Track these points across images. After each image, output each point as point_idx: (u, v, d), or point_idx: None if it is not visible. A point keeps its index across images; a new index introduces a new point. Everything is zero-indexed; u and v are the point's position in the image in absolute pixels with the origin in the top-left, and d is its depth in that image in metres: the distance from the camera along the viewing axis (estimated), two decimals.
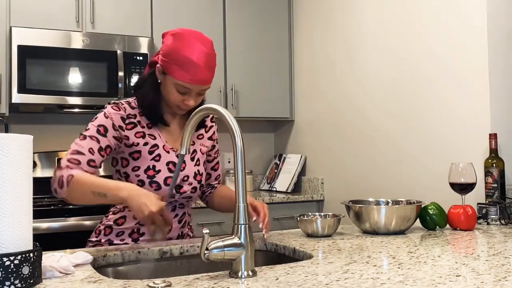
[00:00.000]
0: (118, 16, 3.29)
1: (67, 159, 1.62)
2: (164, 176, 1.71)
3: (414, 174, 2.73)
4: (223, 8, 3.61)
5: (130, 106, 1.74)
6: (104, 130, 1.67)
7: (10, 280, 1.05)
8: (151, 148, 1.72)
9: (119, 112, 1.70)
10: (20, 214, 1.09)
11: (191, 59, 1.61)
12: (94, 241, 1.79)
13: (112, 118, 1.69)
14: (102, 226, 1.80)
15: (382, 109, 2.96)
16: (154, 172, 1.70)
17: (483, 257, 1.37)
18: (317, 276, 1.19)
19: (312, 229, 1.74)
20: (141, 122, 1.74)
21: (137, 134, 1.72)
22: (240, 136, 1.22)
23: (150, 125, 1.75)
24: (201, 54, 1.62)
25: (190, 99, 1.68)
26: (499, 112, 2.34)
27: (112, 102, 1.74)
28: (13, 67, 2.96)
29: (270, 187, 3.81)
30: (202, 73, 1.63)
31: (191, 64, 1.61)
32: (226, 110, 1.27)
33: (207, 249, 1.16)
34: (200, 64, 1.62)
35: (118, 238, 1.76)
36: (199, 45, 1.63)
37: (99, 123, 1.68)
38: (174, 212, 1.79)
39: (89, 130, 1.67)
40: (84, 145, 1.64)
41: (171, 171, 1.72)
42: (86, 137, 1.66)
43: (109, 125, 1.68)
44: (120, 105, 1.73)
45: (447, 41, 2.53)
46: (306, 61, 3.69)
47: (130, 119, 1.72)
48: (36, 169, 3.28)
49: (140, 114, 1.74)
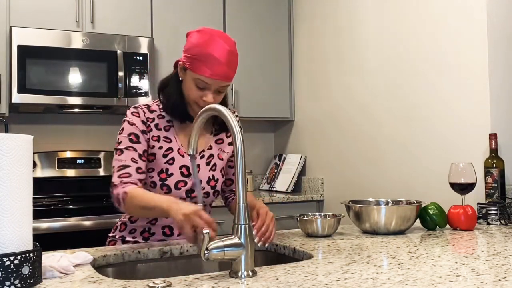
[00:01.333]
0: (118, 16, 3.28)
1: (118, 175, 1.65)
2: (176, 179, 1.71)
3: (414, 174, 2.73)
4: (223, 8, 3.61)
5: (149, 110, 1.76)
6: (135, 137, 1.70)
7: (10, 280, 1.05)
8: (165, 152, 1.73)
9: (139, 117, 1.73)
10: (20, 214, 1.09)
11: (212, 55, 1.61)
12: (111, 236, 1.83)
13: (136, 124, 1.71)
14: (119, 222, 1.84)
15: (382, 109, 2.96)
16: (166, 175, 1.71)
17: (483, 257, 1.37)
18: (317, 276, 1.19)
19: (312, 229, 1.74)
20: (159, 124, 1.75)
21: (153, 138, 1.73)
22: (241, 136, 1.22)
23: (168, 127, 1.76)
24: (223, 51, 1.63)
25: (209, 95, 1.66)
26: (499, 112, 2.34)
27: (132, 107, 1.76)
28: (13, 67, 2.96)
29: (270, 187, 3.81)
30: (222, 69, 1.62)
31: (212, 60, 1.61)
32: (228, 110, 1.27)
33: (207, 249, 1.16)
34: (221, 60, 1.62)
35: (131, 236, 1.78)
36: (222, 43, 1.64)
37: (128, 133, 1.70)
38: None
39: (122, 143, 1.69)
40: (125, 158, 1.67)
41: (183, 175, 1.72)
42: (123, 150, 1.68)
43: (137, 131, 1.71)
44: (140, 109, 1.75)
45: (447, 41, 2.53)
46: (306, 61, 3.69)
47: (149, 122, 1.74)
48: (36, 169, 3.28)
49: (158, 117, 1.76)
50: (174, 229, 1.76)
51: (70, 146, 3.47)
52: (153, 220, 1.75)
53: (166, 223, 1.75)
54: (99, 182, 3.39)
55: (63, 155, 3.38)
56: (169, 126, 1.77)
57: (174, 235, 1.77)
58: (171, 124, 1.77)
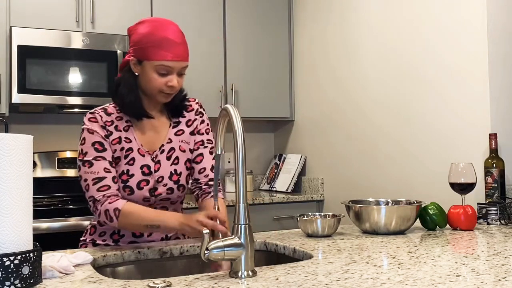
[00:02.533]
0: (118, 16, 3.28)
1: (96, 189, 1.62)
2: (137, 180, 1.69)
3: (414, 174, 2.73)
4: (223, 8, 3.61)
5: (106, 113, 1.72)
6: (100, 145, 1.66)
7: (10, 280, 1.05)
8: (126, 152, 1.70)
9: (97, 122, 1.68)
10: (20, 214, 1.09)
11: (168, 37, 1.61)
12: (82, 240, 1.81)
13: (97, 131, 1.67)
14: (89, 225, 1.82)
15: (382, 109, 2.96)
16: (127, 176, 1.68)
17: (483, 257, 1.37)
18: (317, 276, 1.19)
19: (312, 229, 1.74)
20: (118, 126, 1.71)
21: (114, 141, 1.69)
22: (242, 135, 1.22)
23: (127, 127, 1.72)
24: (176, 32, 1.64)
25: (173, 79, 1.64)
26: (499, 112, 2.34)
27: (88, 113, 1.71)
28: (13, 67, 2.96)
29: (270, 187, 3.81)
30: (180, 49, 1.63)
31: (169, 42, 1.61)
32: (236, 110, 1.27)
33: (207, 249, 1.16)
34: (177, 41, 1.63)
35: (101, 238, 1.76)
36: (172, 25, 1.66)
37: (92, 142, 1.66)
38: None
39: (88, 154, 1.65)
40: (98, 169, 1.63)
41: (145, 174, 1.69)
42: (91, 162, 1.64)
43: (99, 138, 1.67)
44: (96, 114, 1.70)
45: (447, 41, 2.53)
46: (306, 61, 3.69)
47: (108, 126, 1.70)
48: (36, 169, 3.28)
49: (116, 119, 1.72)
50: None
51: (70, 146, 3.47)
52: None
53: None
54: None
55: (63, 155, 3.38)
56: (128, 126, 1.73)
57: (143, 236, 1.74)
58: (129, 124, 1.73)
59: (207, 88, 3.47)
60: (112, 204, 1.60)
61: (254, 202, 3.26)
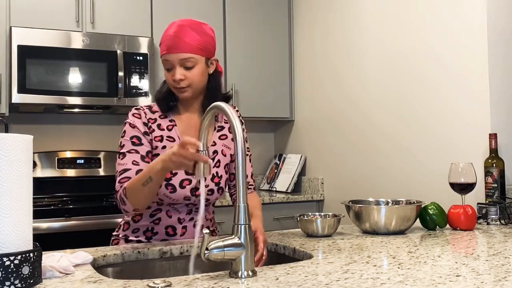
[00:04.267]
0: (118, 16, 3.28)
1: (118, 180, 1.67)
2: (180, 178, 1.71)
3: (414, 174, 2.73)
4: (223, 8, 3.61)
5: (150, 111, 1.78)
6: (137, 140, 1.71)
7: (10, 280, 1.05)
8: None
9: (140, 118, 1.75)
10: (20, 214, 1.09)
11: (168, 33, 1.69)
12: (114, 235, 1.84)
13: (137, 126, 1.73)
14: (123, 221, 1.84)
15: (382, 109, 2.96)
16: (171, 174, 1.71)
17: (483, 257, 1.37)
18: (317, 276, 1.19)
19: (312, 229, 1.74)
20: (161, 125, 1.76)
21: (156, 138, 1.74)
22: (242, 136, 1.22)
23: (171, 126, 1.77)
24: (174, 26, 1.69)
25: (175, 73, 1.68)
26: (499, 112, 2.34)
27: (133, 109, 1.78)
28: (13, 67, 2.96)
29: (270, 187, 3.81)
30: (173, 41, 1.67)
31: (165, 37, 1.69)
32: (232, 108, 1.27)
33: (207, 249, 1.16)
34: (171, 34, 1.68)
35: (134, 235, 1.78)
36: (177, 22, 1.71)
37: (130, 135, 1.72)
38: (190, 215, 1.78)
39: (125, 146, 1.71)
40: (127, 162, 1.68)
41: (187, 173, 1.72)
42: (125, 153, 1.70)
43: (139, 133, 1.72)
44: (141, 111, 1.77)
45: (447, 41, 2.53)
46: (306, 61, 3.69)
47: (150, 123, 1.75)
48: (36, 169, 3.28)
49: (160, 117, 1.77)
50: (177, 229, 1.76)
51: (70, 146, 3.47)
52: (156, 219, 1.75)
53: (169, 223, 1.75)
54: (99, 182, 3.39)
55: (63, 155, 3.38)
56: (171, 125, 1.77)
57: (177, 235, 1.76)
58: (173, 123, 1.78)
59: None
60: (122, 186, 1.64)
61: None
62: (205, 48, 1.71)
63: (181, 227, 1.76)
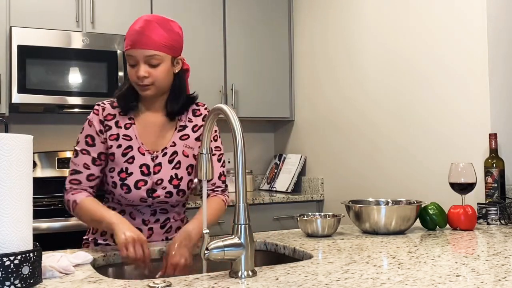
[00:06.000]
0: (118, 16, 3.28)
1: (69, 180, 1.70)
2: (136, 179, 1.68)
3: (414, 174, 2.73)
4: (223, 8, 3.61)
5: (111, 106, 1.75)
6: (91, 140, 1.71)
7: (10, 280, 1.05)
8: (124, 150, 1.70)
9: (98, 115, 1.73)
10: (20, 214, 1.09)
11: (134, 29, 1.65)
12: (85, 239, 1.83)
13: (94, 125, 1.72)
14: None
15: (382, 109, 2.96)
16: (126, 174, 1.68)
17: (483, 257, 1.37)
18: (317, 276, 1.19)
19: (312, 229, 1.74)
20: (119, 122, 1.72)
21: (111, 137, 1.71)
22: (241, 135, 1.22)
23: (129, 125, 1.73)
24: (142, 22, 1.65)
25: (139, 69, 1.63)
26: (499, 112, 2.34)
27: (96, 104, 1.76)
28: (13, 67, 2.96)
29: (270, 187, 3.81)
30: (142, 38, 1.62)
31: (133, 32, 1.64)
32: (232, 110, 1.27)
33: (207, 249, 1.16)
34: (137, 29, 1.63)
35: (102, 238, 1.76)
36: (144, 16, 1.67)
37: (86, 134, 1.72)
38: (155, 217, 1.74)
39: (79, 144, 1.72)
40: (79, 162, 1.70)
41: (143, 174, 1.69)
42: (78, 152, 1.71)
43: (93, 132, 1.71)
44: (101, 106, 1.75)
45: (447, 41, 2.53)
46: (306, 61, 3.69)
47: (107, 121, 1.72)
48: (36, 169, 3.28)
49: (120, 114, 1.74)
50: (143, 230, 1.71)
51: (70, 146, 3.47)
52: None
53: (136, 225, 1.66)
54: None
55: (63, 155, 3.38)
56: (130, 123, 1.73)
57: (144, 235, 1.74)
58: (132, 121, 1.73)
59: (207, 88, 3.46)
60: (73, 196, 1.66)
61: (254, 202, 3.26)
62: (172, 46, 1.66)
63: (147, 229, 1.72)
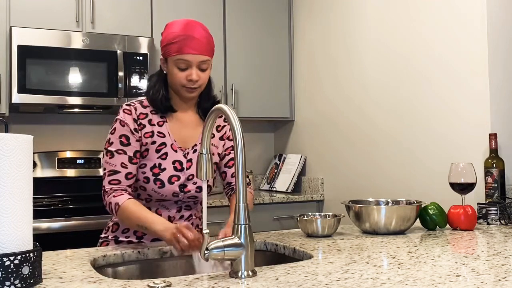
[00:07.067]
0: (118, 16, 3.28)
1: (108, 181, 1.70)
2: (169, 174, 1.73)
3: (414, 174, 2.73)
4: (223, 8, 3.61)
5: (142, 105, 1.78)
6: (126, 139, 1.72)
7: (10, 280, 1.05)
8: (158, 147, 1.75)
9: (131, 115, 1.75)
10: (20, 214, 1.09)
11: (186, 34, 1.68)
12: (103, 237, 1.83)
13: (128, 124, 1.73)
14: (111, 222, 1.84)
15: (382, 109, 2.96)
16: (159, 170, 1.73)
17: (483, 257, 1.37)
18: (317, 276, 1.19)
19: (312, 229, 1.74)
20: (152, 120, 1.77)
21: (146, 134, 1.75)
22: (241, 135, 1.22)
23: (162, 122, 1.77)
24: (193, 28, 1.69)
25: (192, 73, 1.69)
26: (499, 112, 2.34)
27: (124, 105, 1.78)
28: (13, 67, 2.96)
29: (270, 187, 3.81)
30: (197, 44, 1.68)
31: (187, 38, 1.68)
32: (232, 110, 1.27)
33: (207, 249, 1.16)
34: (195, 36, 1.68)
35: (124, 235, 1.78)
36: (191, 22, 1.71)
37: (119, 134, 1.72)
38: (180, 213, 1.80)
39: (113, 145, 1.72)
40: (116, 163, 1.70)
41: (176, 170, 1.74)
42: (113, 153, 1.71)
43: (128, 132, 1.73)
44: (132, 106, 1.77)
45: (447, 41, 2.53)
46: (306, 61, 3.69)
47: (141, 120, 1.75)
48: (36, 169, 3.28)
49: (151, 112, 1.78)
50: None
51: (70, 146, 3.47)
52: None
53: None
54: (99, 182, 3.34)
55: (63, 155, 3.38)
56: (162, 121, 1.78)
57: None
58: (164, 119, 1.79)
59: None
60: (116, 198, 1.65)
61: (254, 202, 3.25)
62: (213, 50, 1.76)
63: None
